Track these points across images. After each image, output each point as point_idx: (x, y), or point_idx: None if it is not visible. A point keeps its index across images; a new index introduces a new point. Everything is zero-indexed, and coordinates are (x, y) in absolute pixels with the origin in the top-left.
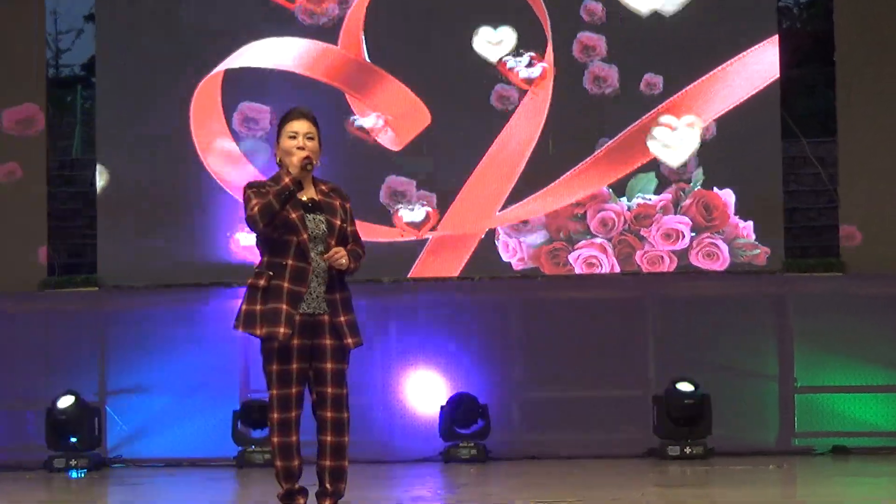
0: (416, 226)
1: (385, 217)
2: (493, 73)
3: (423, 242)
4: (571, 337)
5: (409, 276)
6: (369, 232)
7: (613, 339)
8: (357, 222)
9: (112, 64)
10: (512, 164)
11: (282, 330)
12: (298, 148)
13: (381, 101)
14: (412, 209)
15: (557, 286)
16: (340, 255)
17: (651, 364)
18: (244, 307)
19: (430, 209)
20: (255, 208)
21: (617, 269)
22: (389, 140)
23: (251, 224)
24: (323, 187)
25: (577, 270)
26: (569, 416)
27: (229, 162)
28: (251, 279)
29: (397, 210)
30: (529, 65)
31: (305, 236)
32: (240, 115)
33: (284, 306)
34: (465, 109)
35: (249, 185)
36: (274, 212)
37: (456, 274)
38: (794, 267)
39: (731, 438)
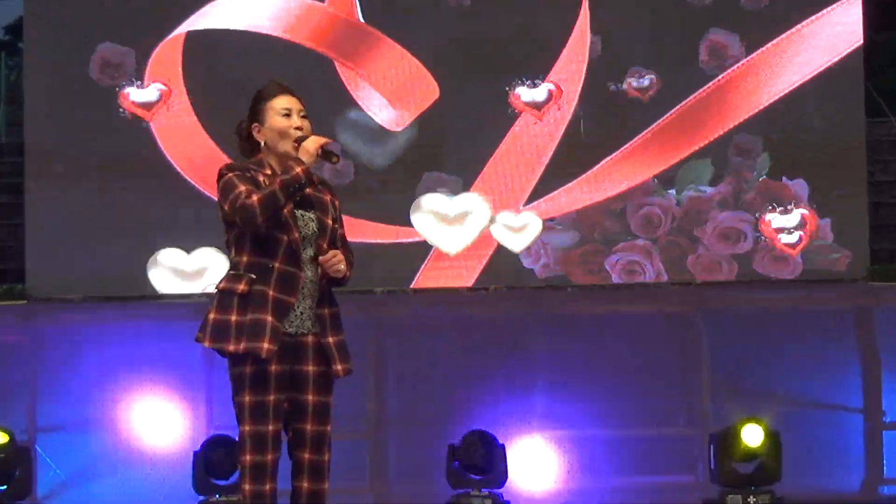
0: None
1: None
2: None
3: (427, 245)
4: (608, 361)
5: (410, 286)
6: (360, 231)
7: (660, 364)
8: (344, 219)
9: (44, 26)
10: (538, 148)
11: (265, 346)
12: (296, 128)
13: (379, 71)
14: None
15: (590, 298)
16: (339, 259)
17: (706, 395)
18: (213, 316)
19: None
20: (255, 198)
21: (664, 278)
22: (388, 119)
23: (244, 216)
24: (313, 179)
25: (615, 279)
26: (605, 460)
27: (192, 143)
28: (224, 282)
29: None
30: None
31: (297, 235)
32: (202, 86)
33: (270, 318)
34: (480, 81)
35: (229, 168)
36: (279, 206)
37: (469, 284)
38: (881, 274)
39: (804, 486)
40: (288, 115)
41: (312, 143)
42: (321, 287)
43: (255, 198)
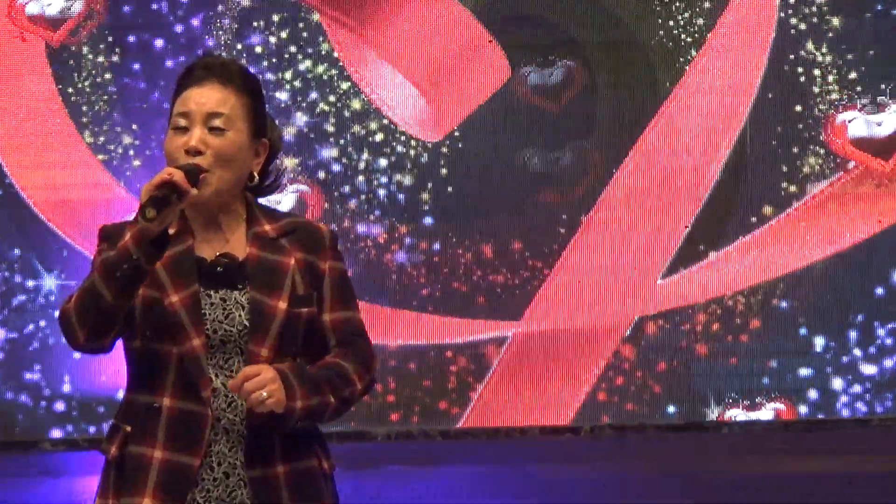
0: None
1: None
2: None
3: (496, 343)
4: None
5: (460, 424)
6: (378, 320)
7: None
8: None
9: None
10: (685, 182)
11: None
12: (186, 151)
13: (399, 39)
14: None
15: (788, 447)
16: (258, 385)
17: None
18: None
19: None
20: (72, 301)
21: None
22: (418, 119)
23: (63, 330)
24: (266, 227)
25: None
26: None
27: (72, 170)
28: (104, 443)
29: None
30: None
31: (198, 343)
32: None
33: (147, 502)
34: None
35: (101, 234)
36: (104, 308)
37: (567, 418)
38: None
39: None
40: (181, 129)
41: (144, 190)
42: (263, 428)
43: (73, 299)
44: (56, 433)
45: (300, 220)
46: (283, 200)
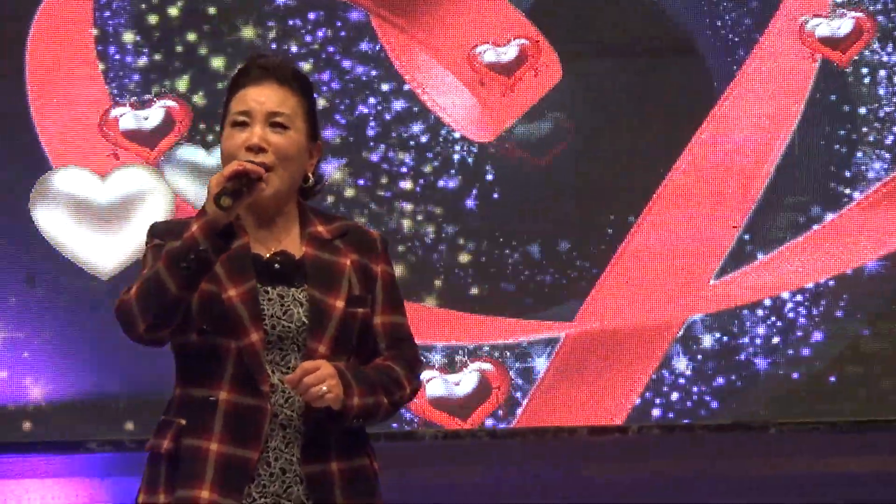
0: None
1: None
2: None
3: (549, 344)
4: None
5: (514, 424)
6: (425, 320)
7: None
8: (412, 305)
9: None
10: (742, 171)
11: None
12: (248, 148)
13: (450, 39)
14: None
15: (837, 447)
16: (317, 379)
17: None
18: (141, 498)
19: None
20: (133, 290)
21: None
22: (469, 120)
23: (121, 321)
24: (320, 228)
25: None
26: None
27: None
28: (152, 438)
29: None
30: None
31: (257, 338)
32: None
33: (206, 494)
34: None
35: (152, 231)
36: (168, 299)
37: (620, 419)
38: None
39: None
40: (242, 124)
41: (215, 181)
42: (317, 422)
43: (133, 290)
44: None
45: (352, 223)
46: (327, 200)
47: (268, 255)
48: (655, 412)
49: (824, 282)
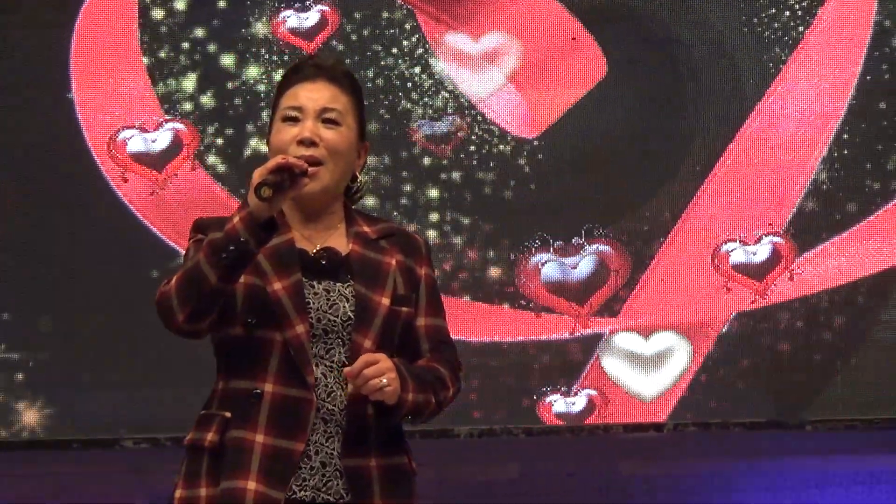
0: (579, 300)
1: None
2: None
3: (591, 341)
4: None
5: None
6: (462, 316)
7: None
8: (450, 301)
9: None
10: (781, 180)
11: None
12: (299, 142)
13: (496, 31)
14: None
15: (872, 445)
16: (378, 371)
17: None
18: (178, 493)
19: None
20: (173, 281)
21: None
22: (514, 115)
23: (161, 313)
24: (365, 228)
25: None
26: None
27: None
28: (192, 432)
29: (533, 273)
30: None
31: (302, 329)
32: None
33: (253, 485)
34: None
35: (196, 226)
36: (206, 290)
37: (662, 417)
38: None
39: None
40: (293, 119)
41: (257, 173)
42: (363, 417)
43: (173, 281)
44: None
45: (396, 226)
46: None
47: (314, 251)
48: (689, 408)
49: (859, 280)
